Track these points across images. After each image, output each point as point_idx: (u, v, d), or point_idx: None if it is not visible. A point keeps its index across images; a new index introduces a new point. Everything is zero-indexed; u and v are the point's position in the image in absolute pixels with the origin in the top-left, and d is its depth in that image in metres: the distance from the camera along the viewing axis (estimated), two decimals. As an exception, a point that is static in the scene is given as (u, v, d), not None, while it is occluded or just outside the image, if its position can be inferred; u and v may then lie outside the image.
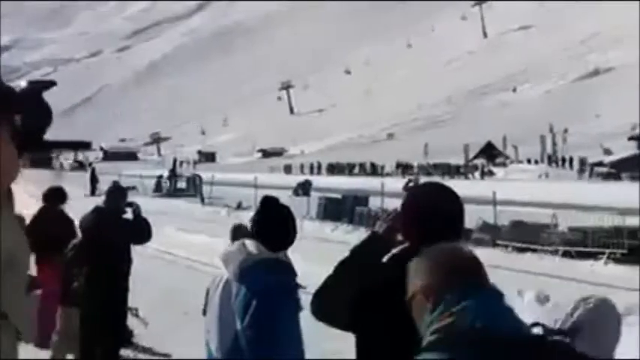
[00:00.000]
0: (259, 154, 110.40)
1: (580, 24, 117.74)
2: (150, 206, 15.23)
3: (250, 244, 3.43)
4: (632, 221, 17.16)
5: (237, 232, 4.97)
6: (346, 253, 2.52)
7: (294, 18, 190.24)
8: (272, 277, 3.33)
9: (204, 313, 3.67)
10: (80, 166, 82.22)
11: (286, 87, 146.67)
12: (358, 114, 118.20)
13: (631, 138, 65.15)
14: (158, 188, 39.45)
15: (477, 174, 58.34)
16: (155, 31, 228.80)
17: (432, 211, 2.34)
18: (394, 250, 2.36)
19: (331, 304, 2.39)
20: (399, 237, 2.41)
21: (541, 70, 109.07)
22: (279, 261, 3.41)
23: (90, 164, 57.77)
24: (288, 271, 3.44)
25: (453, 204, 2.39)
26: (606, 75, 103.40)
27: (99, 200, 6.85)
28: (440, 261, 1.87)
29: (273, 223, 3.45)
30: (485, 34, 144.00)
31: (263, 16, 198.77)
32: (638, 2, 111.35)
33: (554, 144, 69.13)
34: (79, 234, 6.50)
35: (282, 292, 3.33)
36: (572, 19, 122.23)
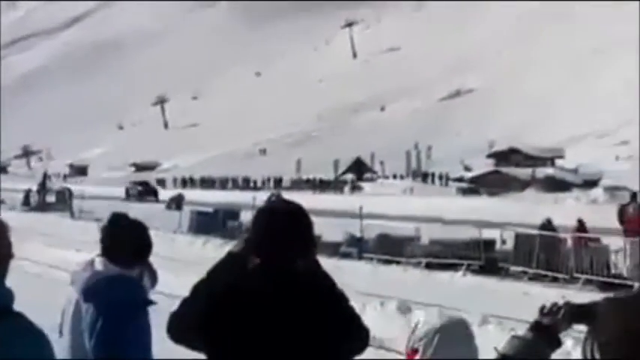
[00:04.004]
0: (132, 169, 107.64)
1: (444, 47, 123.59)
2: (16, 221, 14.68)
3: (98, 262, 3.40)
4: (488, 234, 18.33)
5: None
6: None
7: (168, 34, 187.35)
8: (117, 294, 3.28)
9: (61, 333, 3.54)
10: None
11: (160, 101, 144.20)
12: (231, 129, 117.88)
13: (489, 155, 69.11)
14: (26, 202, 38.02)
15: (347, 189, 59.72)
16: (28, 43, 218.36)
17: (277, 228, 2.36)
18: (249, 268, 2.39)
19: (185, 327, 2.35)
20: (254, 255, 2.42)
21: (408, 91, 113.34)
22: (125, 277, 3.36)
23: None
24: (135, 287, 3.40)
25: (299, 219, 2.40)
26: (467, 96, 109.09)
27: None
28: None
29: (121, 240, 3.41)
30: (354, 55, 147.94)
31: (138, 31, 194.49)
32: (496, 30, 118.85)
33: (418, 160, 71.99)
34: None
35: (129, 309, 3.28)
36: (437, 42, 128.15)
